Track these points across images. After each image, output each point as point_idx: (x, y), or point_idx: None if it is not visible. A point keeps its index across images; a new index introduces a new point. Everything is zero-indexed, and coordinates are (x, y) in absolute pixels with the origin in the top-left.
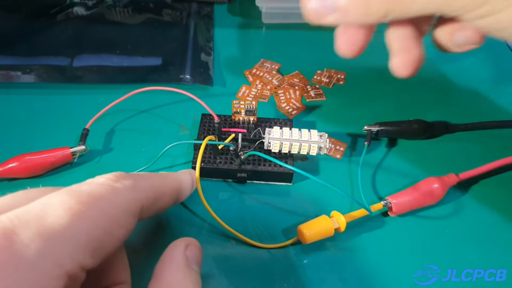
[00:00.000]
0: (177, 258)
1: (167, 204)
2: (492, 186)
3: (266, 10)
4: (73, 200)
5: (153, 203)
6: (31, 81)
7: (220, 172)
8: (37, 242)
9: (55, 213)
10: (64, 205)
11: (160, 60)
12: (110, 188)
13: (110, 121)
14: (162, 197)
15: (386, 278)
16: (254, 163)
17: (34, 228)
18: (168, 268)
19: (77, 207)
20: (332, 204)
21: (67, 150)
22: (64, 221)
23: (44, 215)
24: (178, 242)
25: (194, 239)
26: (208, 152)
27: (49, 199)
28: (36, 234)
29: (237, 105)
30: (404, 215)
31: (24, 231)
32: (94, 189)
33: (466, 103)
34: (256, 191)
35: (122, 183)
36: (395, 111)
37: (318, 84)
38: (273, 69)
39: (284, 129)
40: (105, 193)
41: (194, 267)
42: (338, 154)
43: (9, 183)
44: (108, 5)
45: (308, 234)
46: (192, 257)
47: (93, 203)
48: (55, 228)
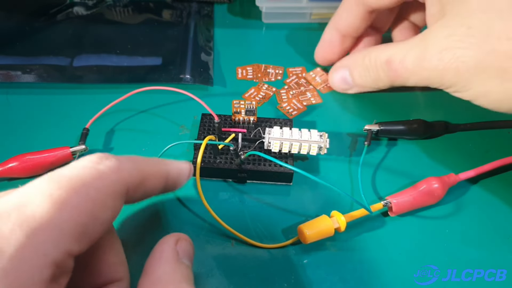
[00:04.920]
0: (166, 252)
1: (155, 187)
2: (492, 186)
3: (266, 10)
4: (53, 187)
5: (139, 185)
6: (31, 80)
7: (220, 172)
8: (17, 232)
9: (35, 201)
10: (44, 192)
11: (160, 60)
12: (93, 171)
13: (110, 120)
14: (148, 179)
15: (386, 278)
16: (254, 163)
17: (14, 218)
18: (158, 262)
19: (57, 193)
20: (332, 204)
21: (67, 149)
22: (45, 209)
23: (23, 205)
24: (168, 237)
25: (185, 234)
26: (208, 152)
27: (28, 188)
28: (16, 225)
29: (237, 105)
30: (404, 215)
31: (3, 222)
32: (75, 173)
33: (466, 103)
34: (256, 191)
35: (105, 164)
36: (395, 111)
37: (318, 84)
38: (278, 74)
39: (284, 129)
40: (88, 176)
41: (185, 261)
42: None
43: (8, 182)
44: (108, 5)
45: (308, 234)
46: (182, 251)
47: (74, 188)
48: (36, 217)
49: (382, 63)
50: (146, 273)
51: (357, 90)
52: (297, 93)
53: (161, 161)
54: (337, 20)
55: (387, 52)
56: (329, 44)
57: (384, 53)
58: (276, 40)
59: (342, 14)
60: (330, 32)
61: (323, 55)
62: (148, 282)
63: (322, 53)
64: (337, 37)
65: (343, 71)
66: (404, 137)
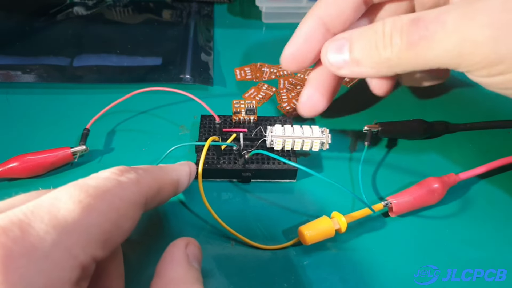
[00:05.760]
0: (178, 256)
1: (168, 195)
2: (492, 186)
3: (266, 10)
4: (82, 194)
5: (156, 195)
6: (31, 80)
7: (224, 173)
8: (51, 234)
9: (65, 206)
10: (74, 198)
11: (160, 60)
12: (115, 182)
13: (111, 121)
14: (163, 189)
15: (386, 278)
16: (258, 162)
17: (48, 220)
18: (170, 265)
19: (86, 200)
20: (334, 203)
21: (67, 150)
22: (75, 213)
23: (56, 208)
24: (178, 241)
25: (193, 239)
26: (211, 153)
27: (58, 193)
28: (50, 226)
29: (237, 104)
30: (404, 215)
31: (38, 223)
32: (100, 183)
33: (466, 103)
34: (259, 189)
35: (126, 176)
36: (395, 111)
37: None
38: (272, 73)
39: (286, 126)
40: (112, 186)
41: (195, 265)
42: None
43: (9, 183)
44: (108, 5)
45: (309, 236)
46: (192, 255)
47: (101, 196)
48: (68, 220)
49: (404, 25)
50: (159, 275)
51: (350, 71)
52: (297, 93)
53: (171, 169)
54: (322, 7)
55: (411, 14)
56: (306, 39)
57: (407, 16)
58: (276, 40)
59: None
60: (310, 24)
61: (295, 54)
62: (161, 283)
63: (294, 51)
64: (319, 31)
65: (341, 41)
66: (404, 137)
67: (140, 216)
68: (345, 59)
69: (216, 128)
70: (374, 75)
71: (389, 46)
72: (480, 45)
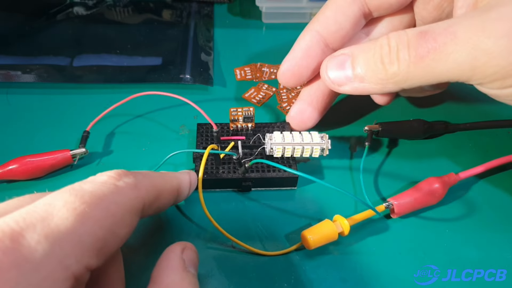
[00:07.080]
0: (174, 261)
1: (167, 203)
2: (492, 185)
3: (266, 10)
4: (77, 200)
5: (154, 201)
6: (31, 80)
7: (224, 182)
8: (43, 244)
9: (59, 213)
10: (68, 205)
11: (160, 59)
12: (112, 187)
13: (110, 123)
14: (162, 196)
15: (386, 278)
16: (258, 171)
17: (40, 229)
18: (166, 271)
19: (81, 207)
20: (336, 207)
21: (67, 152)
22: (69, 222)
23: (49, 216)
24: (174, 246)
25: (190, 243)
26: (210, 163)
27: (53, 199)
28: (42, 236)
29: (234, 112)
30: (404, 215)
31: (30, 233)
32: (97, 188)
33: (466, 103)
34: (260, 197)
35: (124, 181)
36: (395, 111)
37: None
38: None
39: (285, 133)
40: (108, 192)
41: (191, 270)
42: None
43: (8, 185)
44: (108, 5)
45: (312, 240)
46: (188, 260)
47: (96, 203)
48: (61, 229)
49: (410, 38)
50: (154, 282)
51: (353, 88)
52: (297, 93)
53: (172, 176)
54: (320, 21)
55: (417, 28)
56: (304, 54)
57: (412, 29)
58: (276, 40)
59: (328, 13)
60: (308, 39)
61: (293, 70)
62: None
63: (292, 67)
64: (317, 46)
65: (343, 57)
66: (405, 137)
67: (137, 223)
68: (347, 76)
69: (214, 136)
70: (378, 91)
71: (395, 61)
72: (494, 56)
